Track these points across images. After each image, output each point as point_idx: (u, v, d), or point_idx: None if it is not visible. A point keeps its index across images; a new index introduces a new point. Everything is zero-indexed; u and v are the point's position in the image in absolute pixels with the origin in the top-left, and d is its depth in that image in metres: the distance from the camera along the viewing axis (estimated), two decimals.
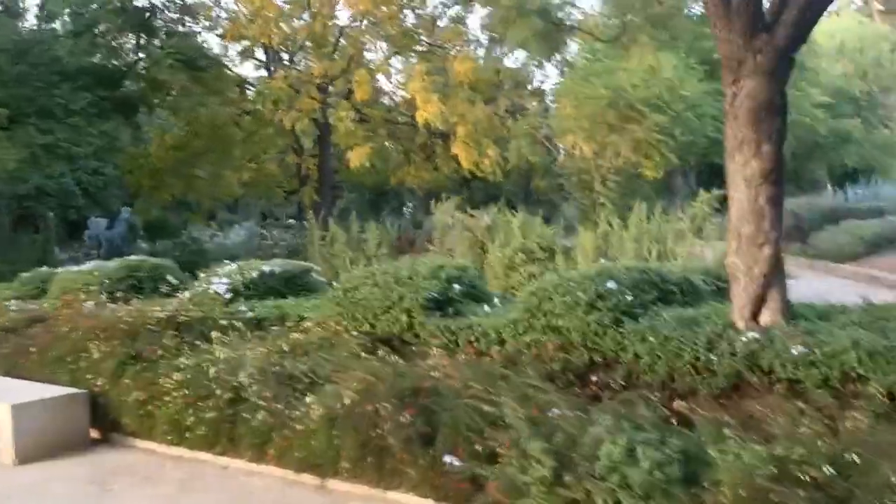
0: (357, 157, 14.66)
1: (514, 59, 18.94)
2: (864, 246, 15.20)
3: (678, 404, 4.67)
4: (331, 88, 15.43)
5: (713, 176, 33.39)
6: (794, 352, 4.53)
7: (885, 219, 18.36)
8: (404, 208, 27.95)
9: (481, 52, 19.71)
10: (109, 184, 23.16)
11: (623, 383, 5.26)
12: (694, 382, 4.94)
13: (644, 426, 4.27)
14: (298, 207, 21.69)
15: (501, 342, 5.87)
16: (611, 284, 5.59)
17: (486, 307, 6.49)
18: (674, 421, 4.53)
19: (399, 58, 16.30)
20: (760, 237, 5.01)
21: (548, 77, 40.03)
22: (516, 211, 13.78)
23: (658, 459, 3.80)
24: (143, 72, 15.56)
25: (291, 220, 22.77)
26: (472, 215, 12.53)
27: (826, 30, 43.83)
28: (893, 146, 27.03)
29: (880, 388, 4.27)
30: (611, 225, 11.17)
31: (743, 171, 5.01)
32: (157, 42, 15.95)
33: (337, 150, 16.85)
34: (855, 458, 3.51)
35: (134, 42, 16.12)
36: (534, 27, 10.25)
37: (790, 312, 5.10)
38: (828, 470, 3.45)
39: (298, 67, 15.94)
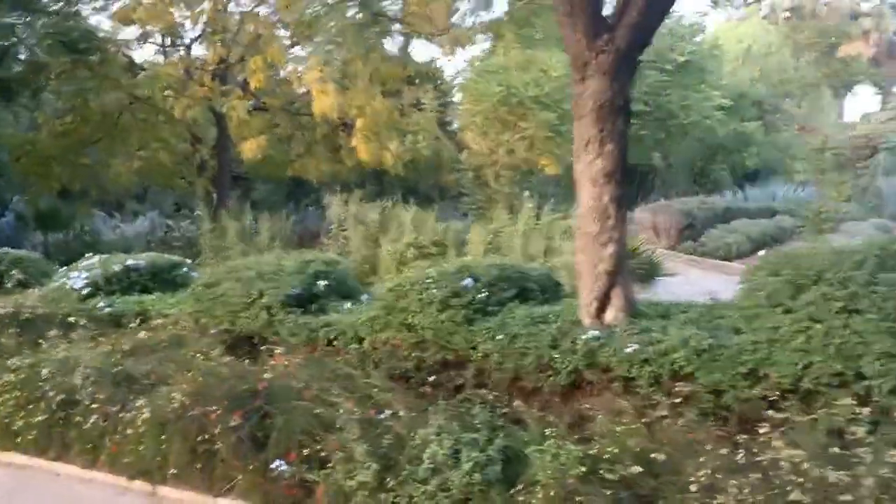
0: (250, 148, 14.25)
1: (426, 53, 18.85)
2: (751, 244, 15.81)
3: (517, 404, 4.64)
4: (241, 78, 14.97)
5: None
6: (628, 350, 4.58)
7: (774, 219, 19.14)
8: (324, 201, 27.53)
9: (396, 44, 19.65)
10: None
11: (474, 382, 5.24)
12: (539, 380, 4.95)
13: (477, 426, 4.22)
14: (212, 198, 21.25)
15: (359, 340, 5.75)
16: (467, 282, 5.55)
17: (347, 304, 6.35)
18: (511, 420, 4.50)
19: (304, 48, 15.94)
20: (604, 236, 5.05)
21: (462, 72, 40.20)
22: (431, 205, 13.67)
23: (480, 461, 3.75)
24: (24, 53, 14.66)
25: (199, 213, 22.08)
26: (365, 209, 12.36)
27: (733, 35, 45.64)
28: (792, 149, 28.28)
29: (705, 386, 4.36)
30: (498, 221, 11.22)
31: (588, 170, 5.04)
32: (40, 22, 15.06)
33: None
34: (662, 456, 3.54)
35: (14, 21, 15.15)
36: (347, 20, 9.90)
37: (634, 310, 5.16)
38: (635, 468, 3.48)
39: (195, 54, 15.38)
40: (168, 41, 16.50)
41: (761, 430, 3.81)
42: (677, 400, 4.44)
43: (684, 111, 25.73)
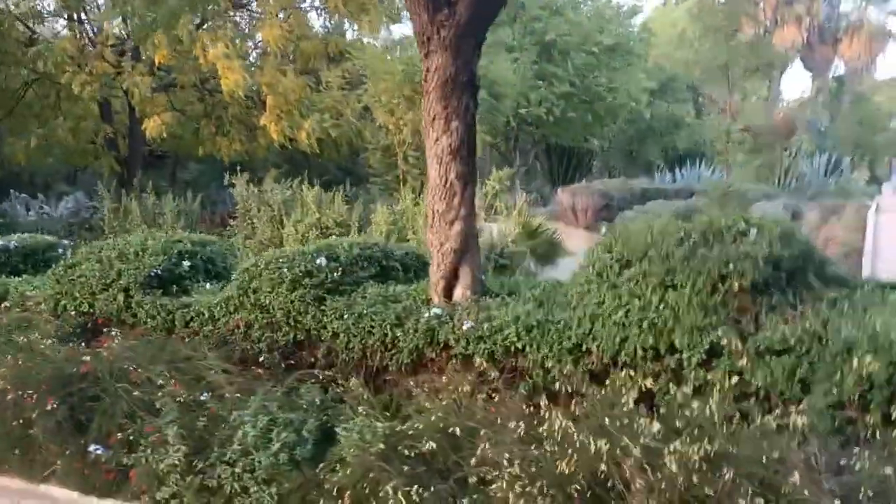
0: (153, 126, 13.80)
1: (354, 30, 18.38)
2: None
3: (353, 382, 4.61)
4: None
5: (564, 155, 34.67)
6: (464, 327, 4.58)
7: (689, 200, 19.54)
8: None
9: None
10: None
11: (325, 362, 5.20)
12: (385, 359, 4.93)
13: (304, 406, 4.17)
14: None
15: (214, 321, 5.64)
16: (320, 261, 5.47)
17: (208, 285, 6.21)
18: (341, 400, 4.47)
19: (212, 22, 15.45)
20: (451, 214, 5.03)
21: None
22: (352, 186, 13.43)
23: (290, 441, 3.70)
24: None
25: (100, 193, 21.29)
26: (270, 189, 12.13)
27: (668, 19, 46.33)
28: (721, 131, 28.87)
29: (535, 361, 4.40)
30: (404, 201, 11.15)
31: (435, 147, 5.00)
32: None
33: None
34: (458, 430, 3.55)
35: None
36: None
37: (482, 289, 5.17)
38: (430, 444, 3.48)
39: (98, 29, 14.75)
40: (74, 15, 15.87)
41: (571, 404, 3.85)
42: (510, 375, 4.50)
43: (611, 93, 26.00)
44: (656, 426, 3.12)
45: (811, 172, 29.45)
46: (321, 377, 4.65)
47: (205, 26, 14.83)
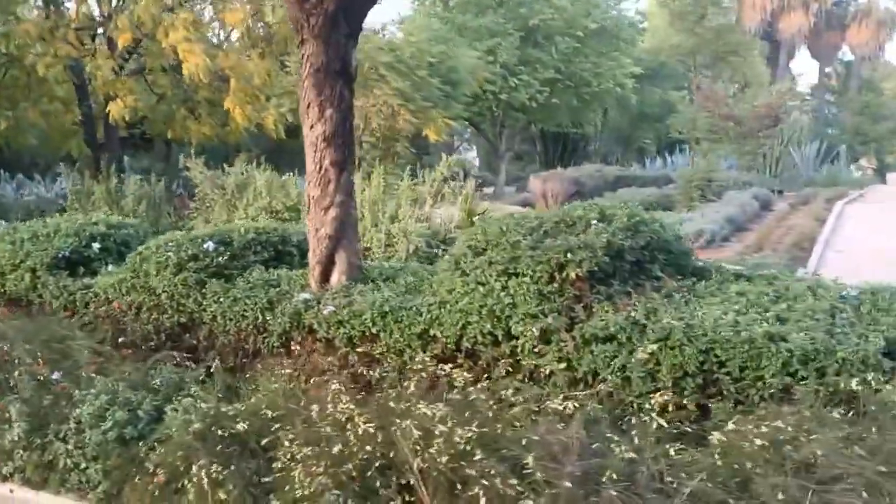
0: (116, 109, 13.91)
1: None
2: None
3: (216, 365, 4.73)
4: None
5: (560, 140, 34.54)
6: (325, 312, 4.68)
7: (664, 188, 19.55)
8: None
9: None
10: None
11: (205, 344, 5.32)
12: (257, 342, 5.05)
13: (156, 387, 4.29)
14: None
15: (109, 302, 5.77)
16: (207, 245, 5.57)
17: (111, 267, 6.32)
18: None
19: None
20: (326, 200, 5.12)
21: None
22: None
23: (123, 420, 3.82)
24: None
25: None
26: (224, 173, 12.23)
27: (667, 3, 45.89)
28: (687, 119, 28.75)
29: (388, 346, 4.50)
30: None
31: (310, 134, 5.08)
32: None
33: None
34: (269, 413, 3.66)
35: None
36: None
37: (359, 274, 5.26)
38: (243, 426, 3.59)
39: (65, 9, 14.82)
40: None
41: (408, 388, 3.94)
42: (368, 360, 4.61)
43: (597, 79, 25.93)
44: (442, 409, 3.21)
45: (802, 161, 29.33)
46: (179, 358, 4.77)
47: (168, 10, 14.88)
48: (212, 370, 4.87)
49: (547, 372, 4.04)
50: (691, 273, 4.69)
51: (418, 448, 2.91)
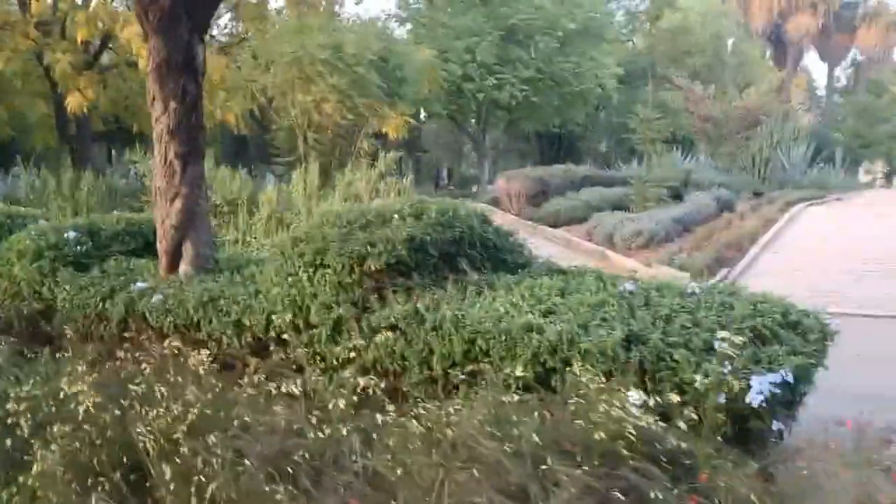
0: (75, 102, 14.12)
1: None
2: (587, 211, 16.15)
3: (46, 351, 4.86)
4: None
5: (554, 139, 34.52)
6: (153, 300, 4.81)
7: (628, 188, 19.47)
8: None
9: None
10: None
11: (58, 331, 5.46)
12: (100, 329, 5.18)
13: None
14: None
15: None
16: (69, 234, 5.72)
17: None
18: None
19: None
20: (171, 191, 5.24)
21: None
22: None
23: None
24: None
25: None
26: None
27: (671, 3, 45.66)
28: (641, 120, 28.52)
29: (209, 334, 4.62)
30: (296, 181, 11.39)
31: (156, 127, 5.21)
32: None
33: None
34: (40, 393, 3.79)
35: None
36: None
37: (206, 265, 5.38)
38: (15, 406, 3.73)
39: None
40: None
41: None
42: (194, 348, 4.72)
43: (577, 79, 25.91)
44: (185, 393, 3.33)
45: (791, 163, 29.18)
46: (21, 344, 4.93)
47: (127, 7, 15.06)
48: (57, 356, 5.01)
49: (341, 360, 4.15)
50: (512, 267, 4.78)
51: (150, 427, 3.03)
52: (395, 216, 4.57)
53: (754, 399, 3.22)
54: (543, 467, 2.36)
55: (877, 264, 10.57)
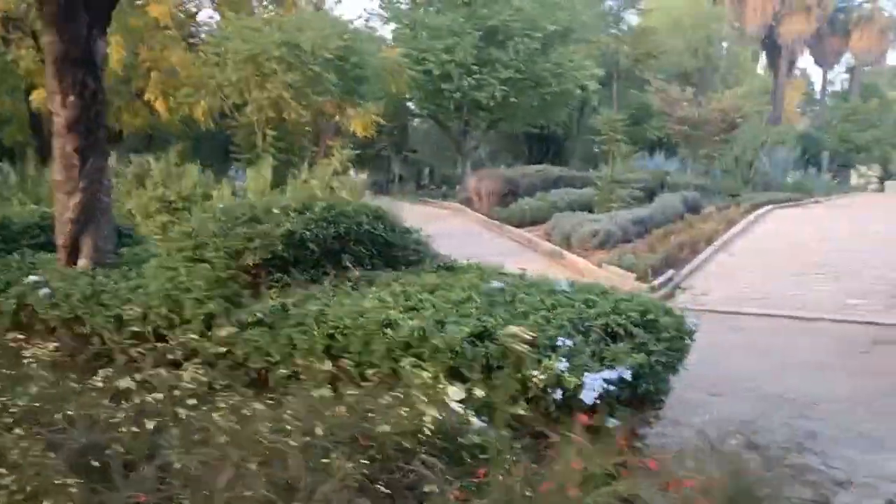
0: (38, 98, 14.11)
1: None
2: (552, 211, 16.12)
3: None
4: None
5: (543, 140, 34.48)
6: (41, 293, 4.80)
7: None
8: None
9: None
10: None
11: None
12: None
13: None
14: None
15: None
16: None
17: None
18: None
19: None
20: (70, 185, 5.23)
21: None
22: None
23: None
24: None
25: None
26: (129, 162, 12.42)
27: (664, 6, 45.71)
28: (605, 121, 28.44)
29: (92, 328, 4.62)
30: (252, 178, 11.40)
31: (55, 121, 5.20)
32: None
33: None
34: None
35: None
36: None
37: (106, 259, 5.37)
38: None
39: None
40: None
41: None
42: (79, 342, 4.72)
43: (557, 80, 25.89)
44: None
45: (772, 166, 29.23)
46: None
47: None
48: None
49: (214, 355, 4.14)
50: (404, 263, 4.78)
51: None
52: (282, 212, 4.56)
53: (587, 396, 3.22)
54: (325, 461, 2.36)
55: (825, 268, 10.59)
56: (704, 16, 44.01)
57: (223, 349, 4.09)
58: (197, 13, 17.71)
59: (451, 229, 16.17)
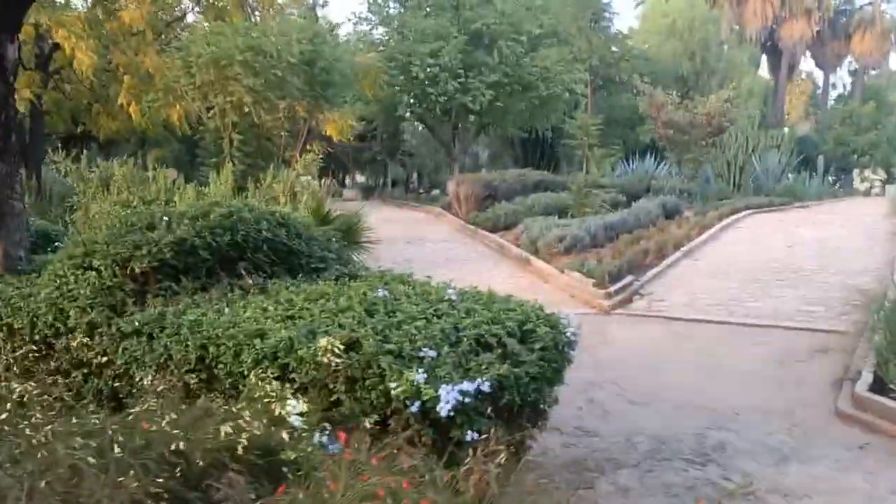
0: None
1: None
2: (527, 216, 16.00)
3: None
4: None
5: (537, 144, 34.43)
6: None
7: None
8: None
9: None
10: None
11: None
12: None
13: None
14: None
15: None
16: None
17: None
18: None
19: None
20: None
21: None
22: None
23: None
24: None
25: None
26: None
27: (659, 10, 45.67)
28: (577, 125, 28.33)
29: None
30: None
31: None
32: None
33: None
34: None
35: None
36: None
37: (19, 265, 5.31)
38: None
39: None
40: None
41: None
42: None
43: (545, 83, 25.80)
44: None
45: (763, 171, 29.07)
46: None
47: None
48: None
49: (96, 365, 4.09)
50: (308, 271, 4.72)
51: None
52: (177, 218, 4.51)
53: (442, 409, 3.15)
54: (121, 479, 2.29)
55: (787, 275, 10.49)
56: (700, 19, 43.94)
57: (105, 359, 4.04)
58: (182, 17, 17.76)
59: (427, 234, 16.16)
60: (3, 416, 2.79)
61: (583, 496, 3.79)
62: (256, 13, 16.49)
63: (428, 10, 26.46)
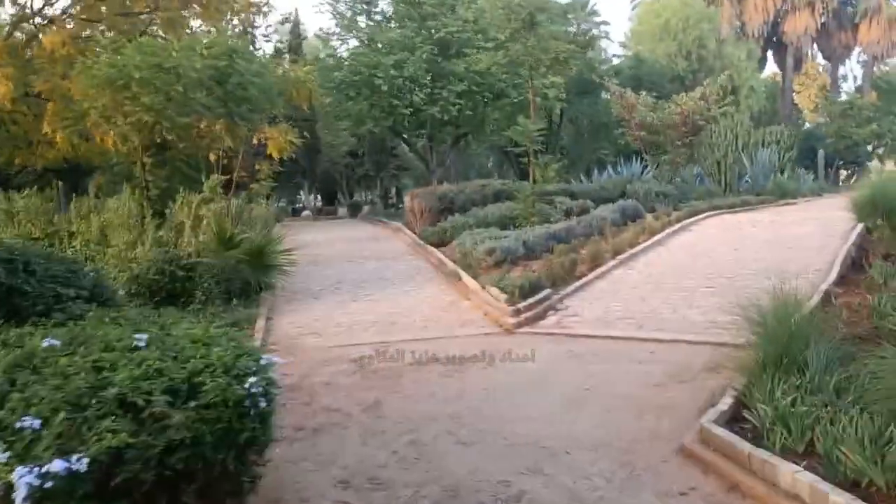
0: None
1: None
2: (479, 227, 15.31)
3: None
4: None
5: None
6: None
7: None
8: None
9: None
10: None
11: None
12: None
13: None
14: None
15: None
16: None
17: None
18: None
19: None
20: None
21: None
22: None
23: None
24: None
25: None
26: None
27: (652, 10, 45.00)
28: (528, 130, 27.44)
29: None
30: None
31: None
32: None
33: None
34: None
35: None
36: None
37: None
38: None
39: None
40: None
41: None
42: None
43: (516, 90, 25.11)
44: None
45: (753, 169, 28.15)
46: None
47: None
48: None
49: None
50: (35, 314, 4.11)
51: None
52: None
53: (17, 496, 2.49)
54: None
55: (718, 281, 9.70)
56: (695, 17, 43.19)
57: None
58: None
59: (376, 252, 15.49)
60: None
61: None
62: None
63: (393, 22, 25.95)
